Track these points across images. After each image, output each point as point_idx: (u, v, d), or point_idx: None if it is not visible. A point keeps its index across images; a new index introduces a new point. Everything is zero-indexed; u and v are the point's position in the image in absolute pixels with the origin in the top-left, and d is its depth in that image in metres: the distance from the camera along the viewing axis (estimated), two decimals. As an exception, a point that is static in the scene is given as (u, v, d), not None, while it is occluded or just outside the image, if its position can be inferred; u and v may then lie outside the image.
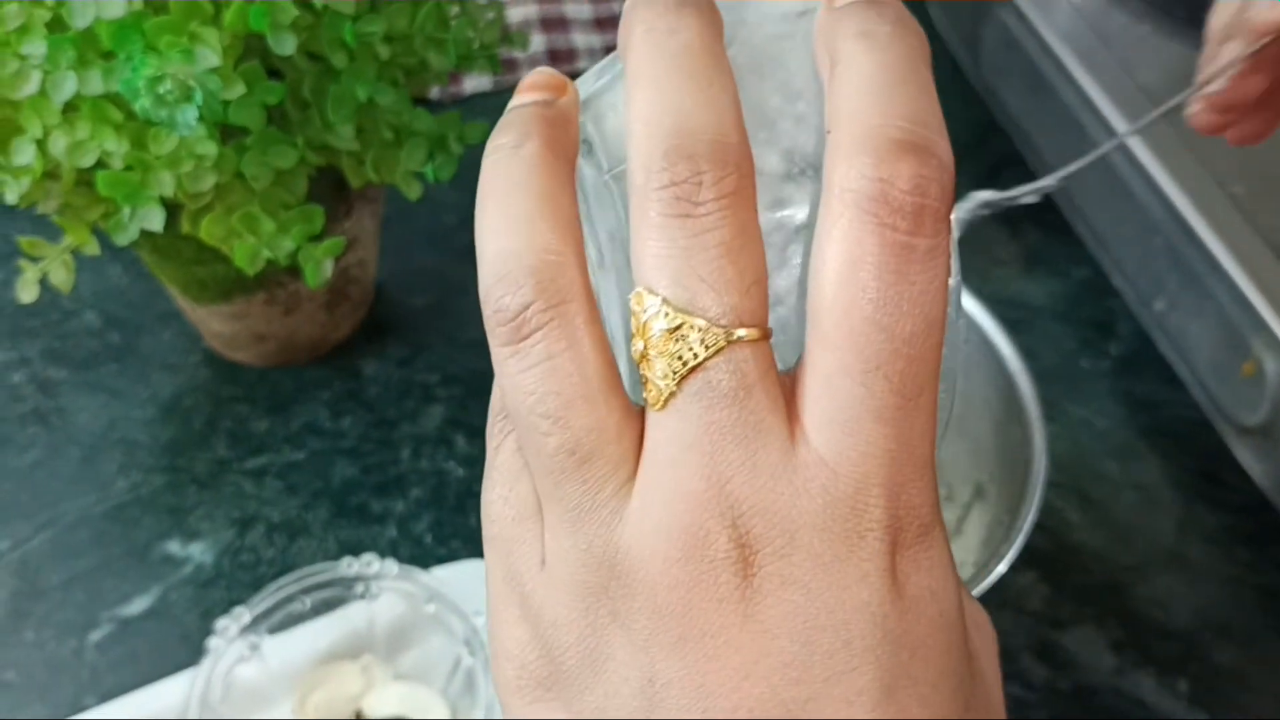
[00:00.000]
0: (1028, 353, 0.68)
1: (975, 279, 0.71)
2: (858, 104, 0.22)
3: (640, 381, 0.22)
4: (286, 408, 0.65)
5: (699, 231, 0.22)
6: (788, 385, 0.22)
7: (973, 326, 0.43)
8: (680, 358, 0.22)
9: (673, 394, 0.22)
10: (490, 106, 0.78)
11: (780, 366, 0.23)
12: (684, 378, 0.22)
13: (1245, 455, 0.60)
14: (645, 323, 0.22)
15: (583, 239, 0.23)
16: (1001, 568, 0.37)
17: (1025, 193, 0.38)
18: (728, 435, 0.22)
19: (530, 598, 0.23)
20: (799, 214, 0.24)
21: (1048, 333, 0.69)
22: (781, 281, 0.25)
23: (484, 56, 0.53)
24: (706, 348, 0.21)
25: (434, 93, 0.78)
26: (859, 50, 0.23)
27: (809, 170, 0.24)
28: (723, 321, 0.21)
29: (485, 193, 0.24)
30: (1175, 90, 0.67)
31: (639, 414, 0.23)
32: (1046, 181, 0.38)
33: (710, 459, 0.21)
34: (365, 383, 0.66)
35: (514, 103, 0.25)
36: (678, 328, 0.22)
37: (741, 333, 0.22)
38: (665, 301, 0.22)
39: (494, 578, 0.25)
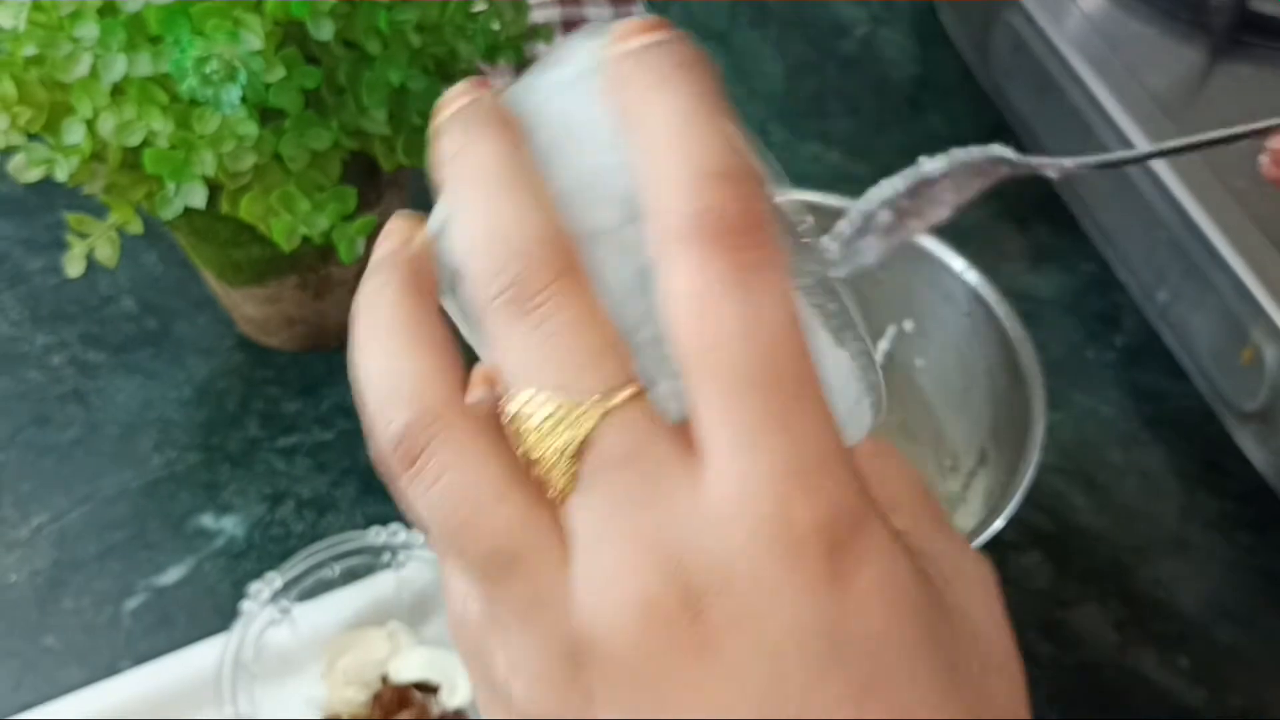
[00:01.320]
0: (1036, 344, 0.70)
1: (984, 273, 0.73)
2: (657, 155, 0.23)
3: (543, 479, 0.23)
4: (317, 389, 0.67)
5: (539, 323, 0.23)
6: (681, 430, 0.23)
7: (976, 299, 0.45)
8: (566, 444, 0.22)
9: (572, 479, 0.23)
10: (514, 106, 0.81)
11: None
12: (576, 459, 0.22)
13: (1246, 442, 0.62)
14: (520, 427, 0.23)
15: (454, 357, 0.24)
16: (999, 523, 0.39)
17: (1044, 165, 0.40)
18: (636, 498, 0.22)
19: (512, 701, 0.24)
20: None
21: (1055, 325, 0.71)
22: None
23: (510, 48, 0.56)
24: (585, 425, 0.22)
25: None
26: (644, 102, 0.23)
27: None
28: (593, 395, 0.22)
29: (356, 338, 0.25)
30: (1180, 92, 0.69)
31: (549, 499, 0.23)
32: (1068, 161, 0.40)
33: (630, 526, 0.22)
34: (392, 367, 0.68)
35: (375, 252, 0.26)
36: (551, 416, 0.22)
37: (614, 399, 0.22)
38: (532, 399, 0.23)
39: (475, 685, 0.25)
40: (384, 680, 0.55)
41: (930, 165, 0.40)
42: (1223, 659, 0.58)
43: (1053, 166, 0.41)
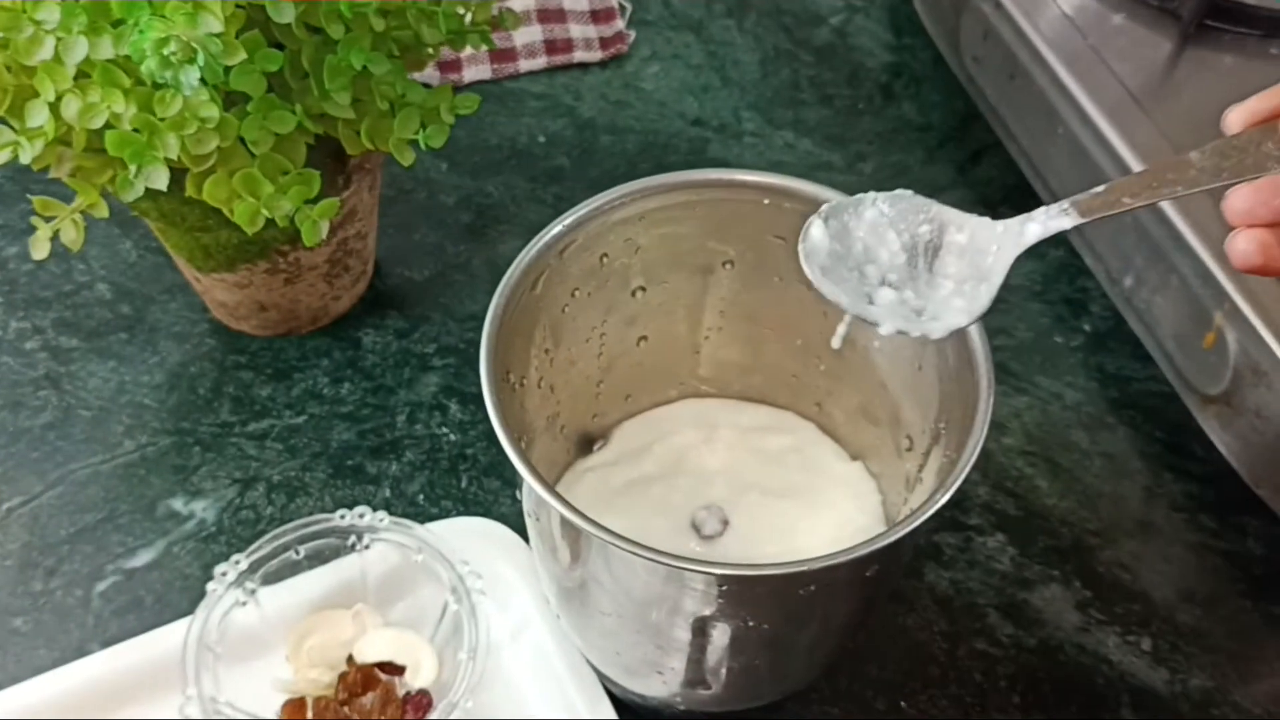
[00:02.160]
0: (1003, 330, 0.71)
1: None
2: None
3: None
4: (288, 375, 0.67)
5: None
6: None
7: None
8: None
9: None
10: (490, 93, 0.81)
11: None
12: None
13: (1210, 425, 0.63)
14: None
15: None
16: (944, 497, 0.39)
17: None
18: None
19: None
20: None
21: (1024, 311, 0.71)
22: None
23: (476, 33, 0.56)
24: None
25: (435, 79, 0.81)
26: None
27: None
28: None
29: None
30: (1149, 79, 0.70)
31: None
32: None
33: None
34: (364, 352, 0.69)
35: None
36: None
37: None
38: None
39: None
40: (349, 661, 0.55)
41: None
42: (1184, 641, 0.59)
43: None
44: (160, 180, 0.50)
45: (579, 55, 0.83)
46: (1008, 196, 0.77)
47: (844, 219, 0.43)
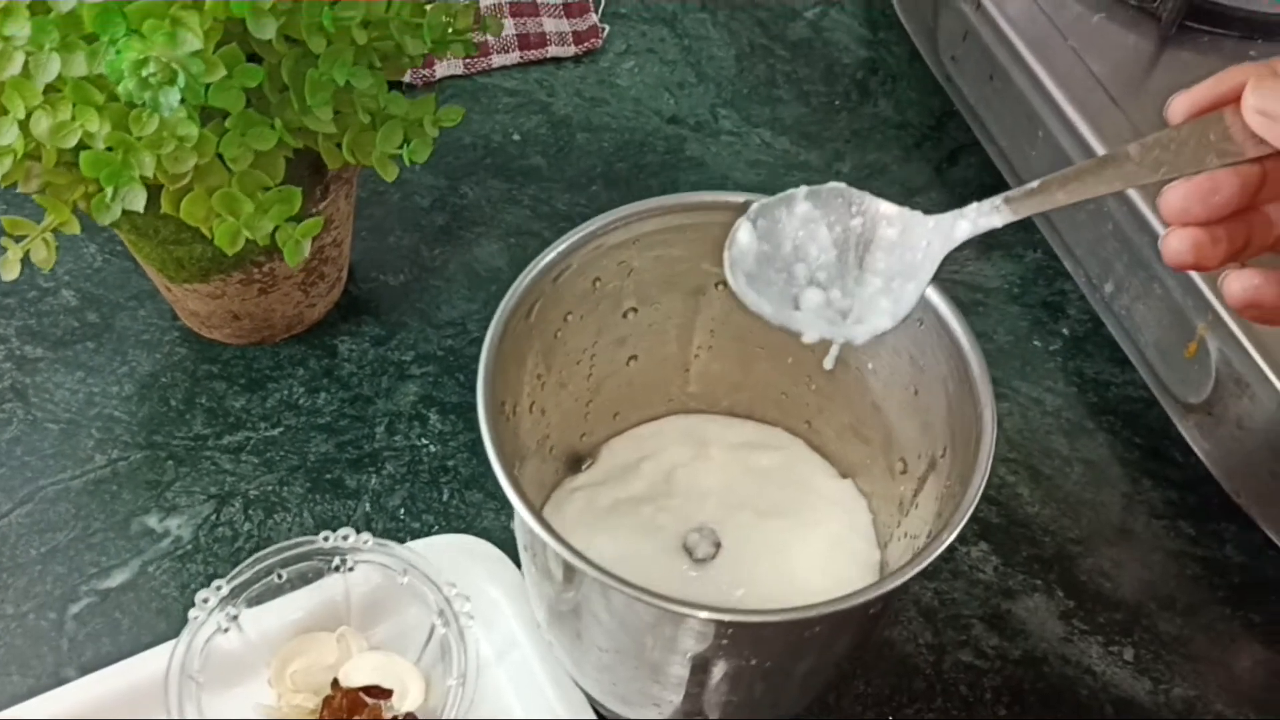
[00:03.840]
0: (982, 334, 0.70)
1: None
2: None
3: None
4: (263, 385, 0.66)
5: None
6: None
7: (928, 308, 0.45)
8: None
9: None
10: (462, 89, 0.80)
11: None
12: None
13: (1190, 433, 0.63)
14: None
15: None
16: (950, 537, 0.39)
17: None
18: None
19: None
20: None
21: (1002, 314, 0.71)
22: None
23: (458, 41, 0.55)
24: None
25: (406, 75, 0.79)
26: None
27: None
28: None
29: None
30: (1127, 79, 0.70)
31: None
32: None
33: None
34: (341, 360, 0.67)
35: None
36: None
37: None
38: None
39: None
40: (335, 685, 0.55)
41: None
42: (1166, 650, 0.59)
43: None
44: (137, 201, 0.48)
45: (553, 50, 0.82)
46: (985, 197, 0.76)
47: (775, 215, 0.42)
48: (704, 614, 0.38)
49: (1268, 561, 0.62)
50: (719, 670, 0.42)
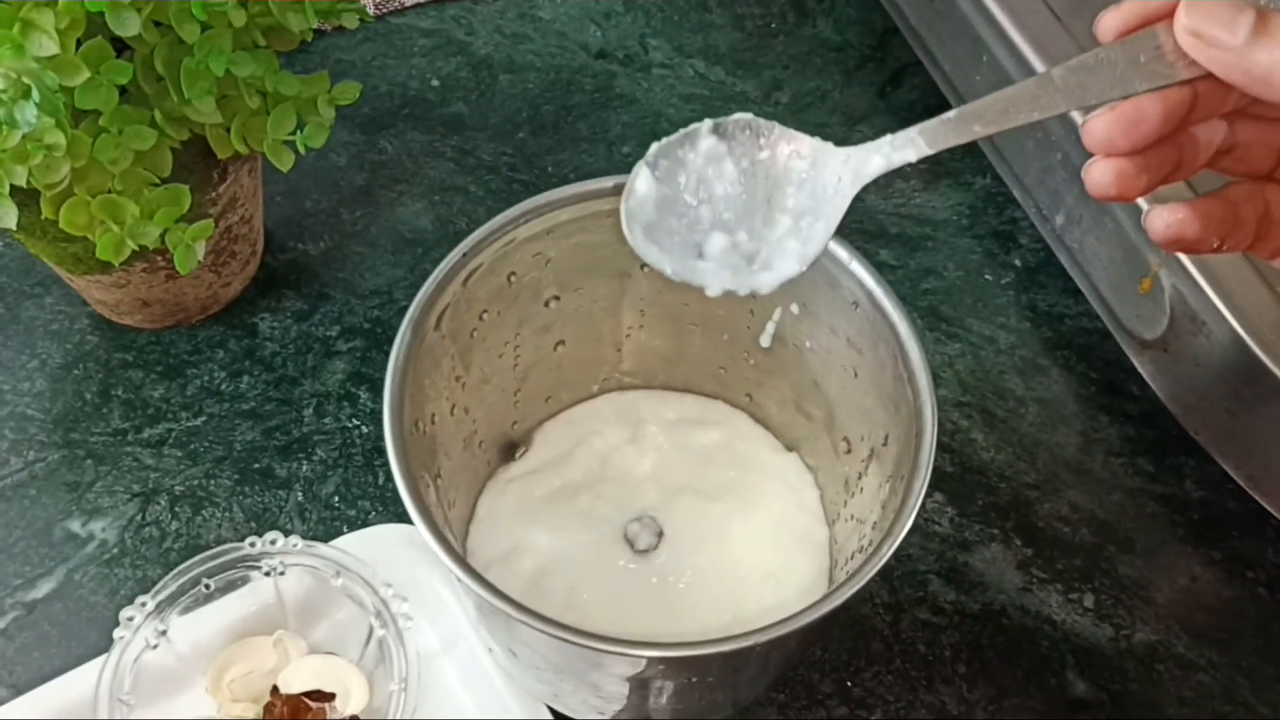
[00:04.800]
0: (932, 271, 0.68)
1: (878, 194, 0.70)
2: None
3: None
4: (181, 371, 0.63)
5: None
6: None
7: (864, 292, 0.43)
8: None
9: None
10: (374, 32, 0.75)
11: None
12: None
13: (1146, 368, 0.61)
14: None
15: None
16: (891, 548, 0.37)
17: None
18: None
19: None
20: None
21: (953, 248, 0.69)
22: None
23: (352, 10, 0.50)
24: None
25: (371, 7, 0.74)
26: None
27: None
28: None
29: None
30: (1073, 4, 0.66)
31: None
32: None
33: None
34: (262, 340, 0.64)
35: None
36: None
37: None
38: None
39: None
40: (274, 692, 0.53)
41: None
42: (1126, 594, 0.58)
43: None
44: (9, 219, 0.44)
45: (468, -16, 0.77)
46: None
47: (676, 156, 0.39)
48: (632, 651, 0.36)
49: (1228, 495, 0.60)
50: (661, 687, 0.41)
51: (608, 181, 0.44)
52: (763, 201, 0.39)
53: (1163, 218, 0.40)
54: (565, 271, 0.47)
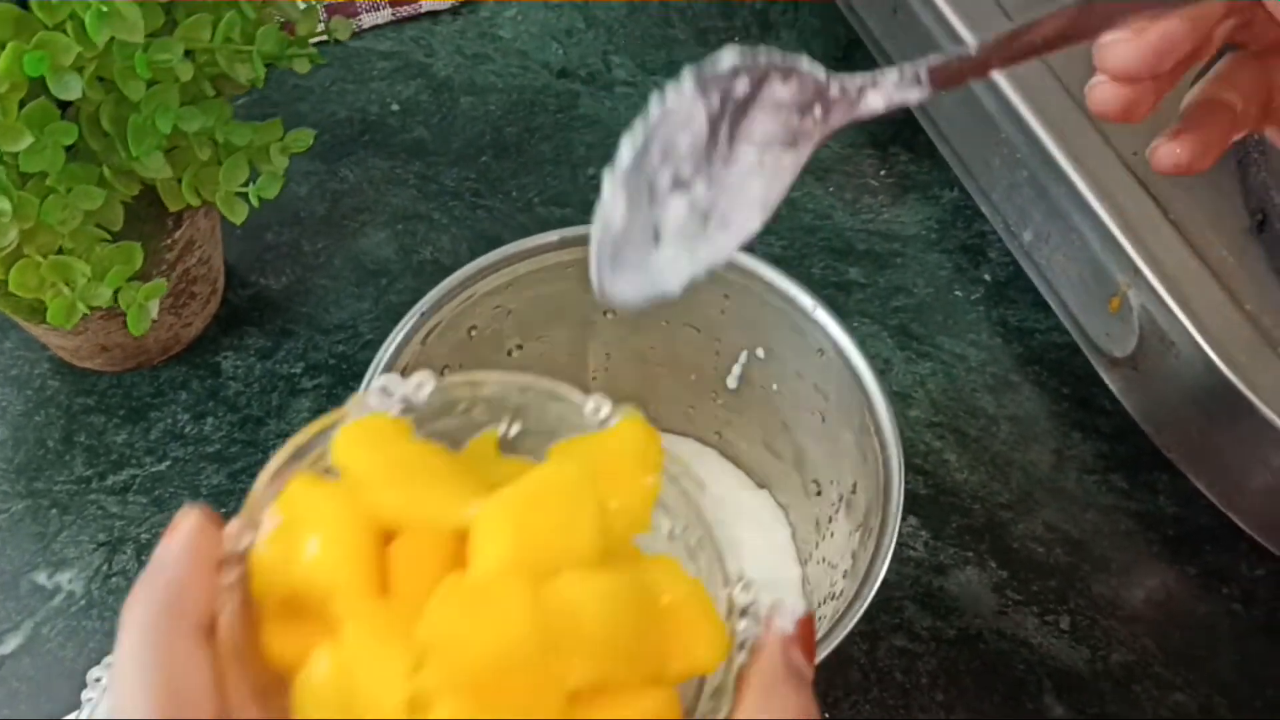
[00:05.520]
0: (901, 288, 0.67)
1: (845, 210, 0.70)
2: None
3: None
4: (144, 414, 0.62)
5: None
6: None
7: (829, 340, 0.42)
8: None
9: None
10: (333, 56, 0.74)
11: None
12: None
13: (1117, 384, 0.61)
14: None
15: None
16: (860, 609, 0.36)
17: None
18: None
19: None
20: None
21: (922, 264, 0.68)
22: None
23: (303, 55, 0.49)
24: None
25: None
26: None
27: None
28: None
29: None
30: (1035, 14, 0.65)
31: None
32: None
33: None
34: (225, 380, 0.63)
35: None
36: None
37: None
38: None
39: None
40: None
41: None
42: (1102, 614, 0.58)
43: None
44: (-46, 286, 0.43)
45: (427, 4, 0.76)
46: (897, 134, 0.72)
47: (650, 123, 0.33)
48: None
49: (1201, 510, 0.60)
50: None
51: (567, 232, 0.44)
52: (725, 138, 0.33)
53: (1170, 156, 0.37)
54: (527, 322, 0.46)
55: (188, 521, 0.27)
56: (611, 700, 0.27)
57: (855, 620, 0.36)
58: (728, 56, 0.32)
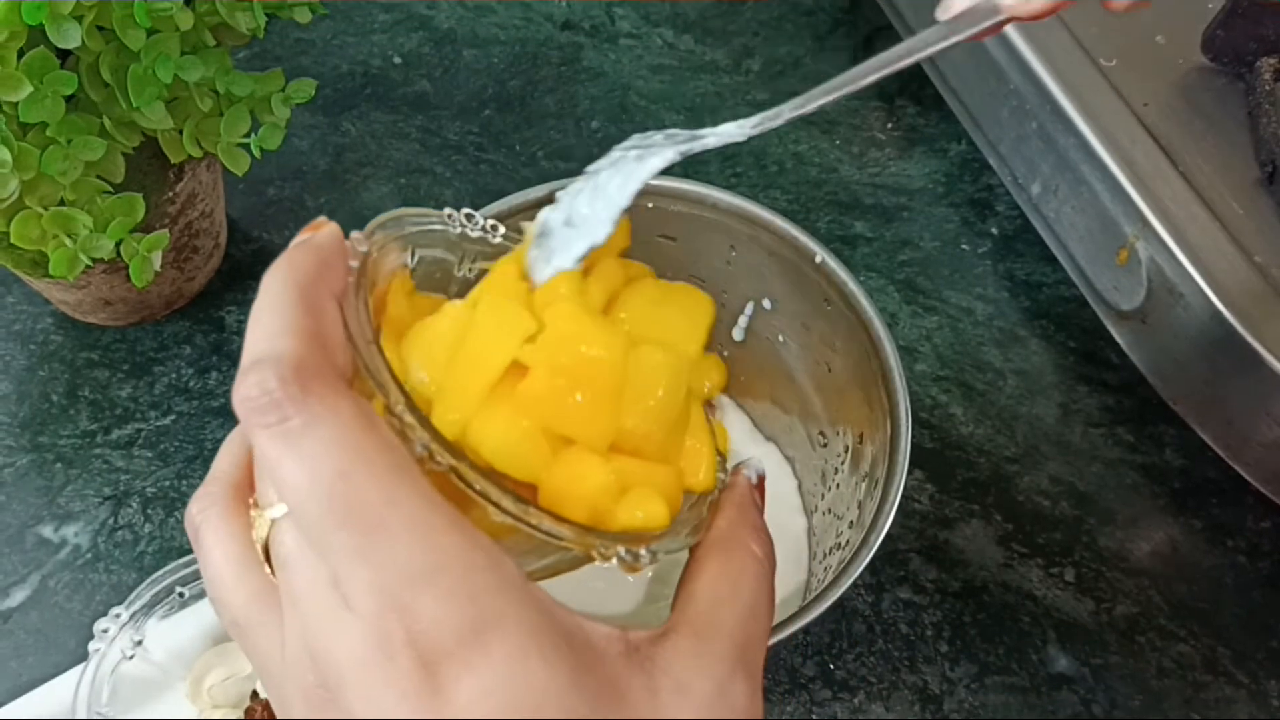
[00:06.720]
0: (908, 242, 0.67)
1: (853, 164, 0.69)
2: None
3: None
4: (149, 369, 0.62)
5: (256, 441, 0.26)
6: None
7: (836, 289, 0.42)
8: (260, 540, 0.28)
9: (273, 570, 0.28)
10: (334, 8, 0.73)
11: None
12: (265, 552, 0.28)
13: (1124, 338, 0.60)
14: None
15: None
16: (867, 557, 0.36)
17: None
18: (298, 589, 0.26)
19: (270, 677, 0.28)
20: None
21: (929, 217, 0.68)
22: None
23: (302, 3, 0.49)
24: (263, 531, 0.28)
25: None
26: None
27: None
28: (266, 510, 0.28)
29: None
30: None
31: None
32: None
33: (295, 614, 0.27)
34: (229, 334, 0.63)
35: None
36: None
37: (273, 513, 0.28)
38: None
39: (246, 653, 0.29)
40: (254, 696, 0.53)
41: None
42: (1107, 567, 0.58)
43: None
44: (-45, 238, 0.43)
45: (428, -44, 0.75)
46: (904, 87, 0.72)
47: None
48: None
49: (1208, 463, 0.60)
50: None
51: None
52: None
53: None
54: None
55: (329, 225, 0.31)
56: (638, 465, 0.32)
57: (860, 570, 0.36)
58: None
